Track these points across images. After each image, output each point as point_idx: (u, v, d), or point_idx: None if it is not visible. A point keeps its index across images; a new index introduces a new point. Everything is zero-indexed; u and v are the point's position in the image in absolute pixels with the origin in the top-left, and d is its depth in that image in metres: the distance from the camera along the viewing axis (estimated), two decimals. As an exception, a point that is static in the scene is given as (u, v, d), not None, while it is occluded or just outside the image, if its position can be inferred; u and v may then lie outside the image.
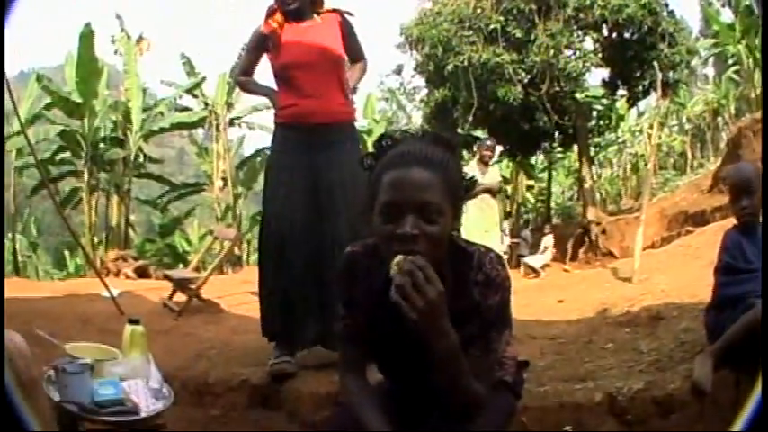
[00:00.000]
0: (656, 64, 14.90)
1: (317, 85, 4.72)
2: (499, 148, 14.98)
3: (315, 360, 4.78)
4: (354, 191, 4.28)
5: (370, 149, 2.42)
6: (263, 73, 5.10)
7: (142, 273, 13.86)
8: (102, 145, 21.07)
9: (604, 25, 17.00)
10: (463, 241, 2.42)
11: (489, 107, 17.32)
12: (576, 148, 20.68)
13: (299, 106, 4.71)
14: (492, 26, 16.46)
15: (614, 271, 10.57)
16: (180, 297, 8.08)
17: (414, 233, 2.13)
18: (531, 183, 29.93)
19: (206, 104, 23.58)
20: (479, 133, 18.90)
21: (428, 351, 2.13)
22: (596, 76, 19.17)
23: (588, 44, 17.20)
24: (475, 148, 10.45)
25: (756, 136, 13.55)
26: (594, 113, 19.91)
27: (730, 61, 24.20)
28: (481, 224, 9.47)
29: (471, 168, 9.86)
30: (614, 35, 17.25)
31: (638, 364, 4.48)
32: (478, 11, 16.93)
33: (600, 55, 17.08)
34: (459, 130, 17.74)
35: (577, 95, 17.75)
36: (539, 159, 28.14)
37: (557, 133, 19.60)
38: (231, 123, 24.42)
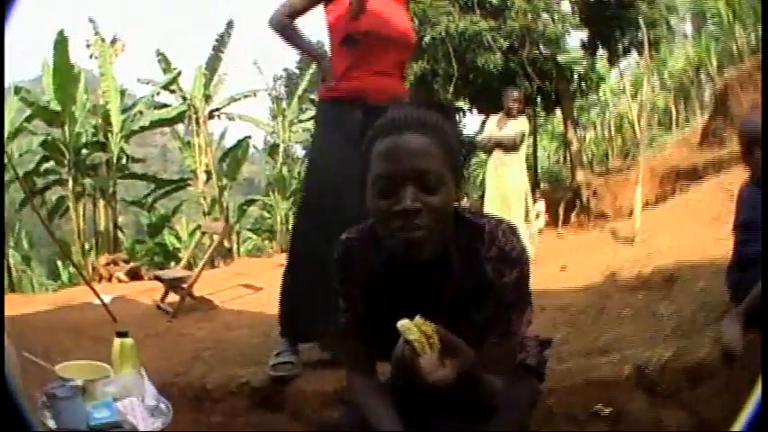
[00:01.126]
0: (641, 21, 14.76)
1: (390, 64, 4.35)
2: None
3: (318, 355, 4.57)
4: None
5: None
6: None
7: (134, 275, 13.67)
8: (84, 150, 20.88)
9: (580, -14, 16.82)
10: (470, 213, 2.19)
11: (469, 76, 17.09)
12: (558, 111, 20.54)
13: (365, 82, 4.24)
14: (467, -6, 16.25)
15: (613, 233, 10.32)
16: (173, 297, 7.89)
17: (415, 207, 1.91)
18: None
19: (184, 99, 23.38)
20: (461, 104, 18.77)
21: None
22: (575, 39, 19.04)
23: (566, 6, 16.99)
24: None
25: (743, 89, 13.43)
26: (576, 76, 19.71)
27: (709, 16, 24.11)
28: (498, 189, 9.26)
29: (491, 122, 9.66)
30: (591, -5, 17.05)
31: (660, 331, 4.28)
32: (451, -21, 16.71)
33: (578, 17, 16.87)
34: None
35: (559, 58, 17.57)
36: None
37: (539, 98, 19.38)
38: (211, 116, 24.25)
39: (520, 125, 9.52)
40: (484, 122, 10.64)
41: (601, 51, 18.57)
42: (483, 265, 2.11)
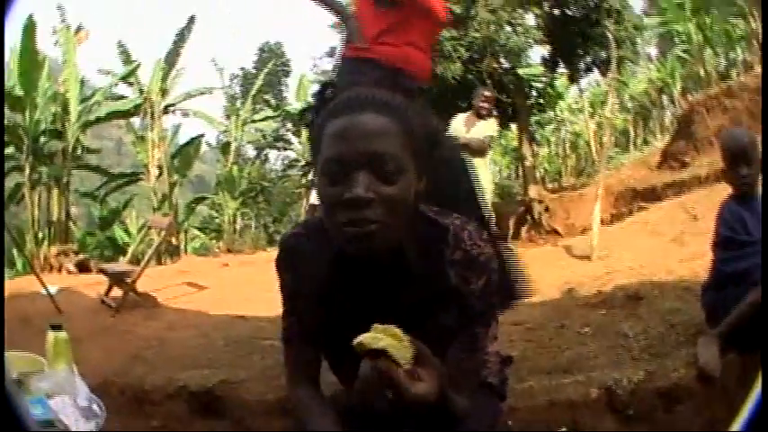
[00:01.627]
0: (611, 37, 14.66)
1: (422, 37, 4.21)
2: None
3: (260, 364, 4.38)
4: None
5: (311, 101, 1.96)
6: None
7: (83, 267, 13.49)
8: (42, 138, 20.64)
9: (545, 2, 16.70)
10: (434, 211, 1.92)
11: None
12: (513, 126, 20.44)
13: (398, 49, 4.07)
14: (429, 3, 16.09)
15: (568, 249, 10.16)
16: (118, 292, 7.70)
17: (367, 197, 1.63)
18: (468, 162, 29.80)
19: (141, 92, 23.14)
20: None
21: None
22: (536, 54, 18.99)
23: (531, 20, 16.89)
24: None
25: (710, 112, 13.49)
26: (534, 92, 19.61)
27: (677, 40, 24.20)
28: None
29: (458, 121, 9.33)
30: (556, 11, 16.95)
31: (626, 351, 4.12)
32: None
33: (542, 31, 16.78)
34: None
35: (519, 72, 17.47)
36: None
37: (495, 111, 19.32)
38: (166, 111, 24.01)
39: (488, 128, 9.17)
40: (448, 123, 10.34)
41: (562, 69, 18.53)
42: (446, 269, 1.87)
